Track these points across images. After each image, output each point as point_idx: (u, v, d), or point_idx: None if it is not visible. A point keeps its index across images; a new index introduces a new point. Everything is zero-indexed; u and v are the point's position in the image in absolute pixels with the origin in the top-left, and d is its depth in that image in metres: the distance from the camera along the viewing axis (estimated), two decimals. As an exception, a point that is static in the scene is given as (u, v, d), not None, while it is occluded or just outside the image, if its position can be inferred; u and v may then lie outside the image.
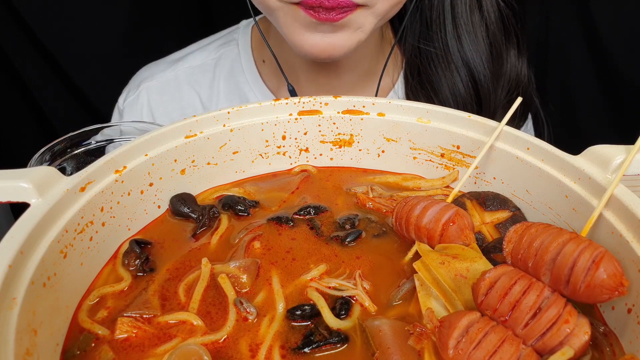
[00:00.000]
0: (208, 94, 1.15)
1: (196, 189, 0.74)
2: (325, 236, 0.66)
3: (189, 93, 1.16)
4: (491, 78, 1.03)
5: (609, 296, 0.46)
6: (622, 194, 0.54)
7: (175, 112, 1.15)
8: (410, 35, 1.07)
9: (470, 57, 1.02)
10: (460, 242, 0.58)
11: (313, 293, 0.56)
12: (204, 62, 1.17)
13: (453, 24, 1.01)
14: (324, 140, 0.78)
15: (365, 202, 0.71)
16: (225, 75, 1.15)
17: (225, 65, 1.16)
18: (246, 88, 1.13)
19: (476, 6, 1.01)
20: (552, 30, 1.46)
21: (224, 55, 1.17)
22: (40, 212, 0.53)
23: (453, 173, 0.74)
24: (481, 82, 1.03)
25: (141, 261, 0.61)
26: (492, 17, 1.02)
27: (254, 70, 1.13)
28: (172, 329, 0.54)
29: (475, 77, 1.02)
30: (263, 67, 1.13)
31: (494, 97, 1.04)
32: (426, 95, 1.05)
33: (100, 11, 1.46)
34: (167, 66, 1.18)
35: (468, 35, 1.01)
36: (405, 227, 0.62)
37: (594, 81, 1.45)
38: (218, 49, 1.18)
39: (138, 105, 1.16)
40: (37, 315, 0.48)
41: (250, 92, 1.12)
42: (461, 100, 1.03)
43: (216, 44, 1.19)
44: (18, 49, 1.46)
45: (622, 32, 1.35)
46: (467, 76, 1.03)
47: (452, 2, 1.00)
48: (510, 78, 1.06)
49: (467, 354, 0.45)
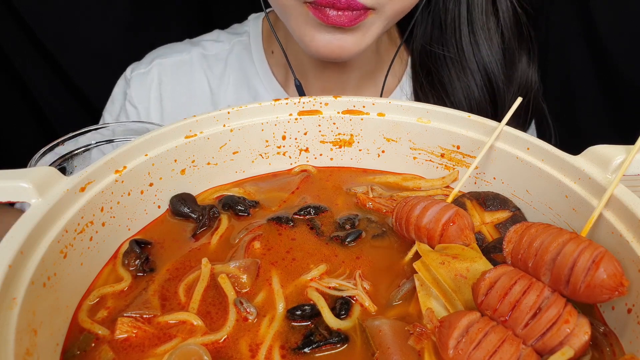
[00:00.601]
0: (218, 83, 1.16)
1: (196, 189, 0.74)
2: (326, 236, 0.66)
3: (199, 78, 1.17)
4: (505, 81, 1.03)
5: (609, 296, 0.46)
6: (622, 194, 0.54)
7: (184, 95, 1.16)
8: (420, 35, 1.07)
9: (487, 62, 1.02)
10: (460, 242, 0.58)
11: (313, 293, 0.56)
12: (218, 52, 1.18)
13: (469, 28, 1.01)
14: (324, 140, 0.78)
15: (365, 202, 0.71)
16: (236, 66, 1.16)
17: (237, 55, 1.17)
18: (255, 80, 1.14)
19: (492, 12, 1.01)
20: (552, 30, 1.45)
21: (236, 45, 1.18)
22: (40, 212, 0.53)
23: (453, 173, 0.74)
24: (499, 87, 1.03)
25: (141, 261, 0.61)
26: (508, 22, 1.02)
27: (264, 61, 1.14)
28: (172, 329, 0.54)
29: (493, 82, 1.02)
30: (272, 58, 1.14)
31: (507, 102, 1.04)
32: (437, 96, 1.05)
33: (100, 11, 1.47)
34: (184, 48, 1.19)
35: (485, 41, 1.01)
36: (406, 227, 0.62)
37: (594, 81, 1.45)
38: (230, 39, 1.19)
39: (148, 79, 1.16)
40: (37, 315, 0.48)
41: (259, 85, 1.13)
42: (475, 103, 1.03)
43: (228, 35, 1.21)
44: (18, 49, 1.46)
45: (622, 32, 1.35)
46: (483, 80, 1.02)
47: (468, 7, 1.00)
48: (521, 83, 1.06)
49: (467, 354, 0.45)
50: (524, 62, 1.05)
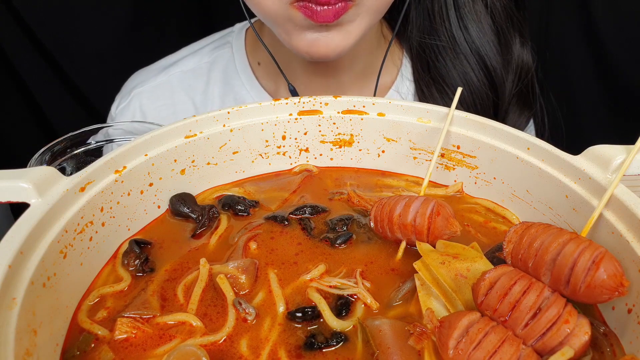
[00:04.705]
0: (202, 98, 1.14)
1: (196, 189, 0.74)
2: (317, 237, 0.66)
3: (182, 98, 1.15)
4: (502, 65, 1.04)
5: (609, 296, 0.46)
6: (622, 194, 0.54)
7: (169, 118, 1.14)
8: (415, 30, 1.07)
9: (479, 45, 1.02)
10: (448, 231, 0.59)
11: (313, 293, 0.56)
12: (198, 66, 1.16)
13: (457, 14, 1.02)
14: (324, 140, 0.78)
15: (354, 200, 0.71)
16: (220, 79, 1.14)
17: (219, 68, 1.15)
18: (242, 92, 1.12)
19: None
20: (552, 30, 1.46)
21: (217, 58, 1.16)
22: (40, 212, 0.53)
23: (457, 185, 0.73)
24: (495, 69, 1.03)
25: (141, 261, 0.61)
26: (497, 4, 1.02)
27: (250, 73, 1.12)
28: (171, 330, 0.54)
29: (488, 64, 1.03)
30: (259, 70, 1.13)
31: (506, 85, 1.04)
32: (439, 90, 1.05)
33: (100, 11, 1.46)
34: (159, 71, 1.17)
35: (475, 24, 1.02)
36: (389, 228, 0.62)
37: (594, 81, 1.45)
38: (211, 53, 1.17)
39: (130, 112, 1.14)
40: (36, 316, 0.48)
41: (247, 95, 1.11)
42: (475, 89, 1.03)
43: (209, 47, 1.18)
44: (18, 49, 1.46)
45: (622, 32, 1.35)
46: (478, 64, 1.03)
47: None
48: (518, 65, 1.06)
49: (467, 354, 0.45)
50: (517, 43, 1.06)
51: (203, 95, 1.14)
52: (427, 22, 1.04)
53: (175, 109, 1.14)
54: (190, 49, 1.21)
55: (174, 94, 1.15)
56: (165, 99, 1.15)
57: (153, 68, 1.20)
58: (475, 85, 1.03)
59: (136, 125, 0.88)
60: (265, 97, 1.11)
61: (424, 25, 1.05)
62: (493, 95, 1.04)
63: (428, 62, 1.06)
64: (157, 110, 1.14)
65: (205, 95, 1.14)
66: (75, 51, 1.49)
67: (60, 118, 1.58)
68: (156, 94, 1.15)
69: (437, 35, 1.03)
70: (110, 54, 1.50)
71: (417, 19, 1.05)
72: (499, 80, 1.04)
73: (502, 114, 1.07)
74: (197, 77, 1.15)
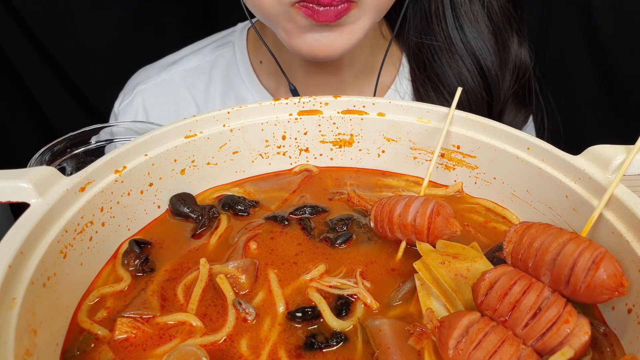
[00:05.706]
0: (204, 97, 1.15)
1: (196, 189, 0.74)
2: (317, 237, 0.66)
3: (184, 96, 1.15)
4: (499, 65, 1.04)
5: (609, 296, 0.46)
6: (622, 194, 0.54)
7: (171, 115, 1.14)
8: (412, 30, 1.07)
9: (475, 46, 1.02)
10: (448, 231, 0.59)
11: (313, 293, 0.56)
12: (200, 64, 1.17)
13: (453, 14, 1.02)
14: (324, 140, 0.78)
15: (354, 200, 0.71)
16: (222, 78, 1.15)
17: (221, 67, 1.15)
18: (243, 90, 1.12)
19: None
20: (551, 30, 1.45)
21: (219, 57, 1.16)
22: (40, 212, 0.53)
23: (457, 185, 0.73)
24: (488, 69, 1.03)
25: (141, 261, 0.61)
26: (494, 4, 1.02)
27: (251, 72, 1.13)
28: (171, 330, 0.54)
29: (482, 64, 1.03)
30: (260, 69, 1.13)
31: (502, 85, 1.05)
32: (435, 89, 1.05)
33: (100, 11, 1.46)
34: (162, 69, 1.18)
35: (471, 24, 1.02)
36: (389, 228, 0.62)
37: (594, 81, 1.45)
38: (214, 52, 1.17)
39: (133, 108, 1.15)
40: (36, 316, 0.48)
41: (247, 94, 1.12)
42: (470, 89, 1.03)
43: (212, 46, 1.19)
44: (18, 49, 1.46)
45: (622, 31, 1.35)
46: (473, 64, 1.03)
47: None
48: (515, 65, 1.06)
49: (467, 354, 0.45)
50: (515, 42, 1.06)
51: (205, 93, 1.15)
52: (423, 21, 1.05)
53: (177, 106, 1.15)
54: (193, 47, 1.22)
55: (177, 92, 1.16)
56: (167, 96, 1.15)
57: (156, 66, 1.21)
58: (470, 85, 1.03)
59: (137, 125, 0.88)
60: (265, 96, 1.11)
61: (420, 25, 1.05)
62: (487, 95, 1.04)
63: (424, 62, 1.07)
64: (160, 107, 1.15)
65: (207, 93, 1.15)
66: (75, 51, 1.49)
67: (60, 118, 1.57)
68: (159, 91, 1.16)
69: (434, 35, 1.04)
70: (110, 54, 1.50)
71: (414, 19, 1.06)
72: (494, 80, 1.04)
73: (496, 113, 1.08)
74: (199, 75, 1.16)
